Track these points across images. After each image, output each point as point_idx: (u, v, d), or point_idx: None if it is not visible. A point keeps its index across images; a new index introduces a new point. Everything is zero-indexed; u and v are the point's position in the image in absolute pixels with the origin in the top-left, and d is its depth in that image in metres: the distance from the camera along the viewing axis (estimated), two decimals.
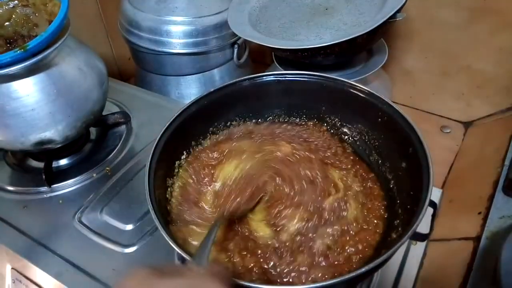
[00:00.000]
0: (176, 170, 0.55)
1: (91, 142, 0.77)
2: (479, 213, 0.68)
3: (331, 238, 0.48)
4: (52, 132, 0.63)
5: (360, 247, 0.48)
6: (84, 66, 0.66)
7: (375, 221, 0.51)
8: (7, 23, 0.65)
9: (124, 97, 0.86)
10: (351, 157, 0.58)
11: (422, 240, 0.44)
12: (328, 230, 0.49)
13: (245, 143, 0.59)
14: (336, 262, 0.46)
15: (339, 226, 0.50)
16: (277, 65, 0.82)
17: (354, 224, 0.50)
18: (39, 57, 0.57)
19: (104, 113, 0.75)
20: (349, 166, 0.57)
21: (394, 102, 1.12)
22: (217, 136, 0.61)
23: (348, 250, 0.47)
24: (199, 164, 0.57)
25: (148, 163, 0.48)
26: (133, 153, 0.73)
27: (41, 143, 0.64)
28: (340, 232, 0.49)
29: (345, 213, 0.51)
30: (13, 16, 0.65)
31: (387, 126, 0.53)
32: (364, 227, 0.50)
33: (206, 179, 0.55)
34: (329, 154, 0.59)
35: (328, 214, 0.50)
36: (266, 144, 0.59)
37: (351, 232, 0.49)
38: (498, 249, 0.56)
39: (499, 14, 0.85)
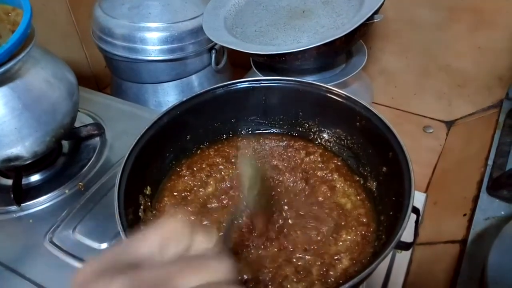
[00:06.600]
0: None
1: (64, 156, 0.73)
2: (464, 214, 0.67)
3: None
4: (19, 148, 0.59)
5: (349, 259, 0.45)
6: (52, 77, 0.63)
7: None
8: None
9: (98, 108, 0.83)
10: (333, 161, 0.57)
11: (407, 249, 0.42)
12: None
13: None
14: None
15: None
16: (255, 70, 0.80)
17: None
18: (1, 70, 0.54)
19: (76, 125, 0.72)
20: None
21: (375, 103, 1.11)
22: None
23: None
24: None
25: (118, 181, 0.46)
26: (108, 167, 0.70)
27: (8, 160, 0.60)
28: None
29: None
30: None
31: (366, 130, 0.52)
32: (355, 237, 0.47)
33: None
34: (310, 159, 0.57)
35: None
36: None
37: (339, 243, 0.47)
38: (484, 252, 0.55)
39: (476, 13, 0.85)
